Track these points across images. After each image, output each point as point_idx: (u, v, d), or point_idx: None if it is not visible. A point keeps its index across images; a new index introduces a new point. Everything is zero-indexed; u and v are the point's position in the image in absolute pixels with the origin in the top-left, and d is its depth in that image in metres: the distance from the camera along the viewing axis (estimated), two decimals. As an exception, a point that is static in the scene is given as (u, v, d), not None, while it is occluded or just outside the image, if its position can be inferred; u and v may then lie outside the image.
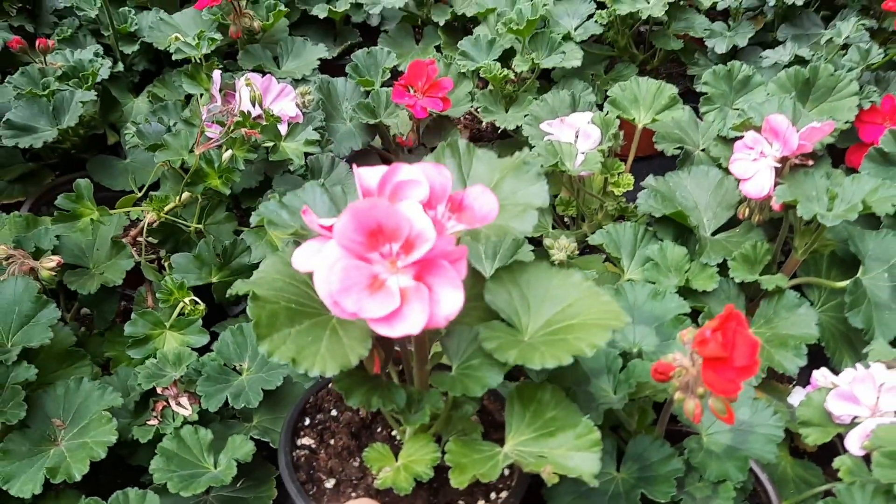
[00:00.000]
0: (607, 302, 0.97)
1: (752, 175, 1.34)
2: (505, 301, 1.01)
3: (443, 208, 0.86)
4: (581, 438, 0.96)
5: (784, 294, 1.39)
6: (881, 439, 1.08)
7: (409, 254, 0.78)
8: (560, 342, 0.93)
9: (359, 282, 0.78)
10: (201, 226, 1.43)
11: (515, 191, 1.01)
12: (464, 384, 0.93)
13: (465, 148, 1.07)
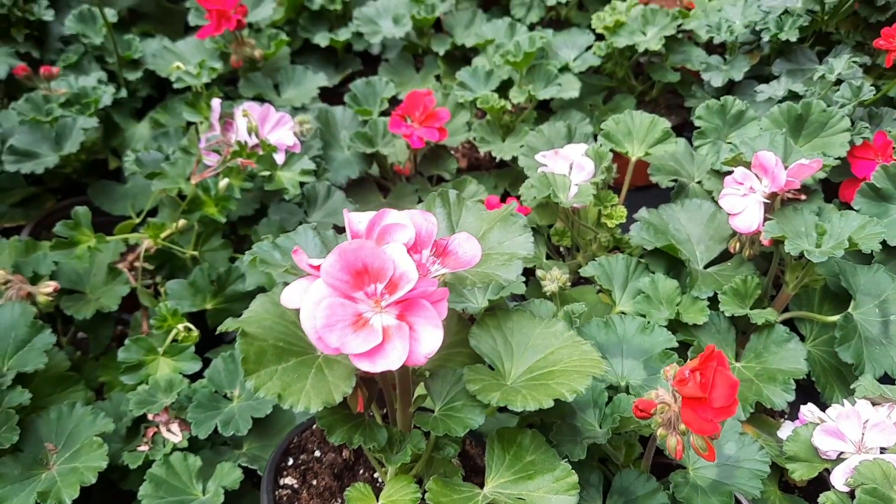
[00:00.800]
0: (588, 350, 1.05)
1: (742, 210, 1.37)
2: (489, 346, 1.07)
3: (428, 252, 0.92)
4: (559, 482, 1.00)
5: (774, 328, 1.40)
6: (864, 476, 1.10)
7: (393, 293, 0.83)
8: (541, 386, 0.99)
9: (343, 319, 0.83)
10: (197, 252, 1.46)
11: (502, 241, 1.11)
12: (446, 424, 0.98)
13: (454, 198, 1.15)
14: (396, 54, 2.17)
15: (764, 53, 1.96)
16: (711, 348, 0.97)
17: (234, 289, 1.45)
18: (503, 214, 1.13)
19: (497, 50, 1.92)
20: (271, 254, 1.09)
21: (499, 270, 1.04)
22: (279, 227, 1.49)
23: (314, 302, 0.82)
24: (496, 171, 1.97)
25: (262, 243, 1.09)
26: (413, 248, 0.89)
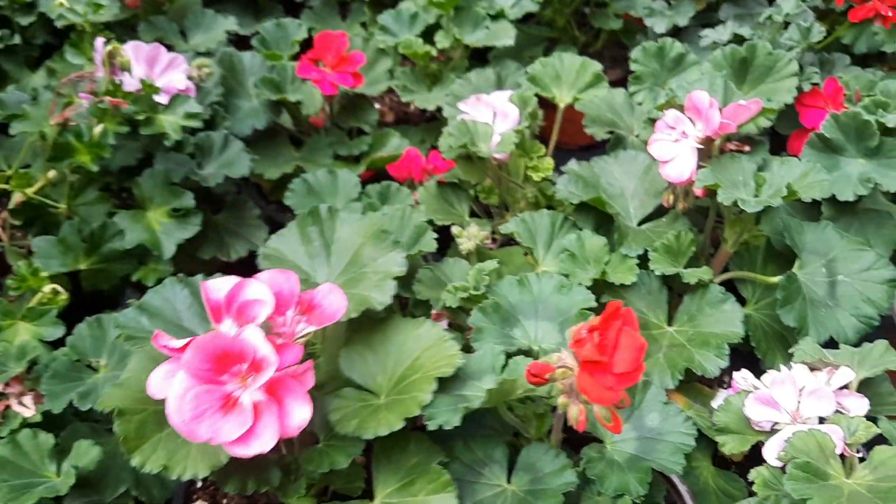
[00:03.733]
0: (450, 352, 1.05)
1: (673, 157, 1.24)
2: (359, 367, 1.10)
3: (292, 312, 0.93)
4: (434, 483, 1.00)
5: (708, 289, 1.28)
6: (797, 449, 0.98)
7: (258, 374, 0.85)
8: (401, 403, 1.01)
9: (212, 405, 0.84)
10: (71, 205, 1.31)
11: (375, 258, 1.15)
12: (330, 458, 0.99)
13: (326, 213, 1.18)
14: (320, 0, 2.01)
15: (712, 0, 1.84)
16: (615, 304, 0.84)
17: (112, 247, 1.30)
18: (375, 230, 1.16)
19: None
20: (138, 321, 1.04)
21: (373, 293, 1.09)
22: (164, 178, 1.34)
23: (179, 396, 0.83)
24: (425, 124, 1.83)
25: (126, 312, 1.05)
26: (276, 311, 0.90)
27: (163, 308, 1.07)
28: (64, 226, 1.27)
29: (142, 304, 1.06)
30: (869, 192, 1.39)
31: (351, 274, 1.16)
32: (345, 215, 1.20)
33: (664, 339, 1.28)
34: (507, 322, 1.15)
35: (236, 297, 0.89)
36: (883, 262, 1.35)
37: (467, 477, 1.06)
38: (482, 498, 1.05)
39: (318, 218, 1.19)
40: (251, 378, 0.85)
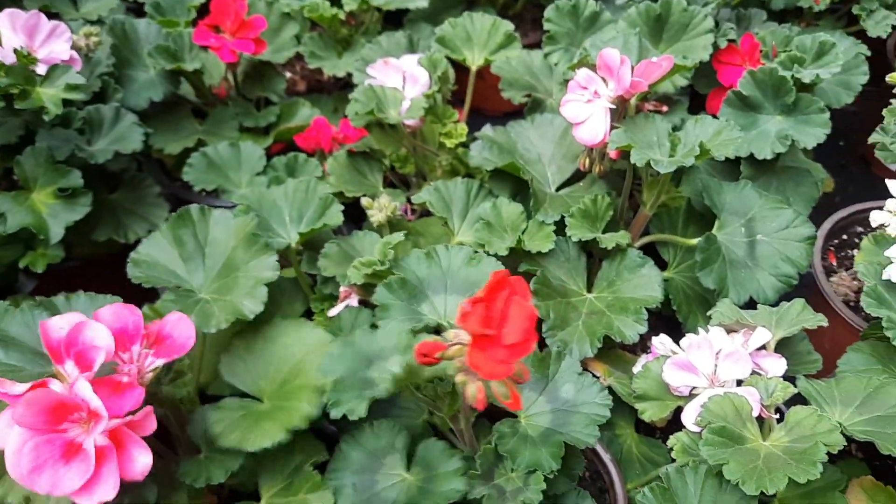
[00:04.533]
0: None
1: (586, 118, 1.19)
2: (241, 372, 1.10)
3: (139, 347, 0.90)
4: (311, 482, 1.02)
5: (626, 253, 1.25)
6: (713, 413, 0.96)
7: (96, 424, 0.82)
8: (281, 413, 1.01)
9: (52, 454, 0.81)
10: (-59, 190, 1.20)
11: (247, 261, 1.13)
12: (208, 472, 0.98)
13: (198, 214, 1.15)
14: (223, -36, 1.90)
15: (631, -44, 1.79)
16: (500, 274, 0.79)
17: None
18: (246, 233, 1.13)
19: (330, -48, 1.68)
20: None
21: (245, 300, 1.09)
22: (48, 156, 1.24)
23: (16, 450, 0.80)
24: (339, 92, 1.75)
25: None
26: (121, 347, 0.88)
27: (22, 335, 0.99)
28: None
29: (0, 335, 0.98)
30: (787, 149, 1.38)
31: (225, 278, 1.13)
32: (217, 215, 1.16)
33: (583, 306, 1.24)
34: (414, 298, 1.09)
35: (76, 341, 0.86)
36: (801, 219, 1.34)
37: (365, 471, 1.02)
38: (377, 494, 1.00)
39: (191, 219, 1.16)
40: (91, 424, 0.82)
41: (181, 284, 1.13)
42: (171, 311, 0.98)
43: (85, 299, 1.05)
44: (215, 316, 1.08)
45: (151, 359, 0.92)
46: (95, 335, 0.86)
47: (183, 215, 1.16)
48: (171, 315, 0.94)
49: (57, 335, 0.87)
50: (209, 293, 1.12)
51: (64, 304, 1.04)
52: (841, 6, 1.77)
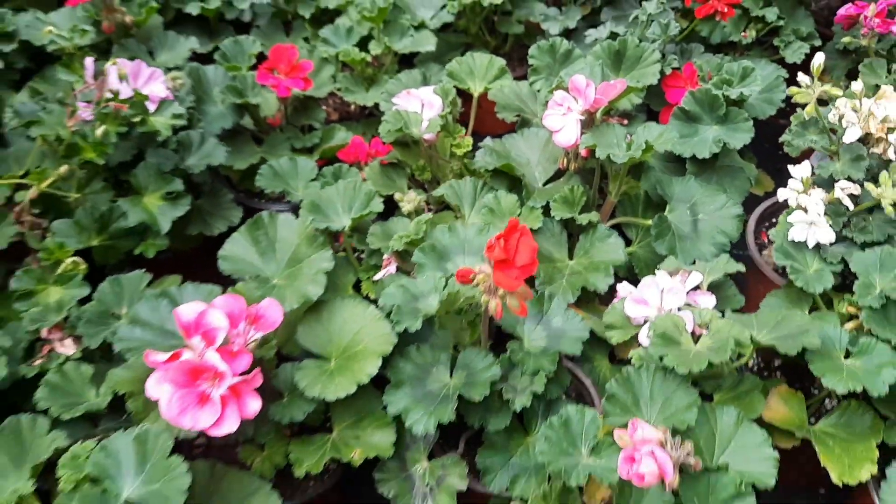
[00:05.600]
0: (385, 332, 1.39)
1: (562, 127, 1.60)
2: (313, 337, 1.43)
3: (244, 324, 1.24)
4: (379, 420, 1.38)
5: (597, 228, 1.65)
6: (658, 326, 1.34)
7: (222, 381, 1.16)
8: (349, 370, 1.36)
9: (192, 402, 1.15)
10: (80, 195, 1.59)
11: (309, 255, 1.49)
12: (290, 412, 1.35)
13: (269, 219, 1.52)
14: (266, 20, 2.32)
15: (595, 5, 2.22)
16: (514, 221, 1.19)
17: (118, 226, 1.59)
18: (308, 232, 1.50)
19: (356, 9, 2.11)
20: (132, 333, 1.33)
21: (309, 287, 1.43)
22: (157, 169, 1.64)
23: (167, 401, 1.14)
24: (365, 119, 2.16)
25: (120, 329, 1.34)
26: (231, 325, 1.21)
27: (149, 317, 1.36)
28: (78, 210, 1.55)
29: (133, 317, 1.35)
30: (720, 149, 1.78)
31: (292, 268, 1.49)
32: (282, 218, 1.52)
33: (566, 269, 1.64)
34: (441, 259, 1.48)
35: (202, 323, 1.20)
36: (732, 202, 1.74)
37: (419, 378, 1.40)
38: (430, 391, 1.38)
39: (263, 223, 1.51)
40: (217, 381, 1.16)
41: (259, 274, 1.49)
42: (253, 293, 1.36)
43: (191, 288, 1.40)
44: (287, 299, 1.41)
45: (253, 333, 1.26)
46: (216, 318, 1.21)
47: (257, 220, 1.52)
48: (265, 301, 1.29)
49: (187, 319, 1.20)
50: (280, 280, 1.49)
51: (176, 293, 1.39)
52: (767, 38, 2.20)
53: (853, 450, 1.45)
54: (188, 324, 1.21)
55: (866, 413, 1.48)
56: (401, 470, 1.43)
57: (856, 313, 1.53)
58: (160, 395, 1.16)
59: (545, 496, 1.24)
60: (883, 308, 1.47)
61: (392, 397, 1.36)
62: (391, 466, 1.43)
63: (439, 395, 1.36)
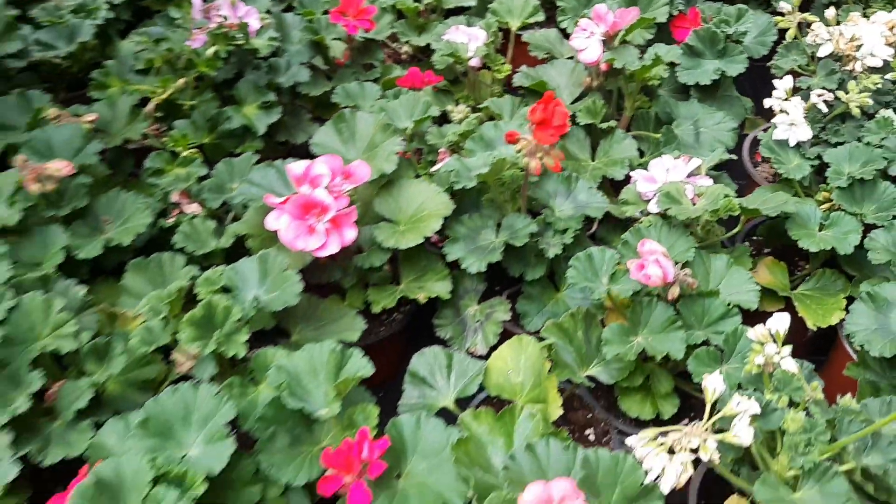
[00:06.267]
0: (445, 200, 1.72)
1: (586, 47, 1.94)
2: (387, 207, 1.78)
3: (339, 178, 1.60)
4: (438, 273, 1.74)
5: (615, 132, 1.98)
6: (663, 188, 1.67)
7: (326, 214, 1.52)
8: (416, 229, 1.68)
9: (303, 231, 1.51)
10: (194, 102, 1.95)
11: (383, 141, 1.81)
12: (370, 259, 1.70)
13: (349, 115, 1.85)
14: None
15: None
16: (550, 93, 1.52)
17: (224, 128, 1.94)
18: (382, 124, 1.83)
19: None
20: (249, 190, 1.68)
21: (383, 164, 1.77)
22: (254, 84, 2.00)
23: (286, 227, 1.51)
24: (414, 63, 2.50)
25: (242, 186, 1.70)
26: (332, 179, 1.56)
27: (262, 181, 1.70)
28: (193, 113, 1.91)
29: (248, 180, 1.70)
30: (720, 77, 2.11)
31: (370, 152, 1.83)
32: (361, 115, 1.85)
33: (589, 167, 1.97)
34: (488, 147, 1.82)
35: (308, 173, 1.55)
36: (728, 118, 2.07)
37: (471, 236, 1.73)
38: (480, 245, 1.71)
39: (345, 118, 1.84)
40: (322, 215, 1.50)
41: (343, 156, 1.84)
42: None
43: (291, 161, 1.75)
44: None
45: (346, 184, 1.61)
46: (320, 168, 1.56)
47: (340, 115, 1.85)
48: (356, 161, 1.64)
49: (296, 172, 1.56)
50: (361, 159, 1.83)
51: (279, 164, 1.72)
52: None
53: (826, 303, 1.76)
54: (298, 176, 1.55)
55: (838, 279, 1.80)
56: (455, 316, 1.77)
57: (829, 198, 1.85)
58: (279, 226, 1.50)
59: (573, 316, 1.57)
60: (850, 188, 1.79)
61: (450, 249, 1.70)
62: (447, 314, 1.77)
63: (488, 248, 1.70)
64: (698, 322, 1.53)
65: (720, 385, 1.26)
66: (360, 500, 1.24)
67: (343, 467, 1.26)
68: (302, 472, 1.33)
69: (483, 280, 1.76)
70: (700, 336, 1.51)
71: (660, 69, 2.11)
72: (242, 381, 1.42)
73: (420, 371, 1.52)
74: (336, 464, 1.26)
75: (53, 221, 1.63)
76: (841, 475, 1.21)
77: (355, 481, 1.26)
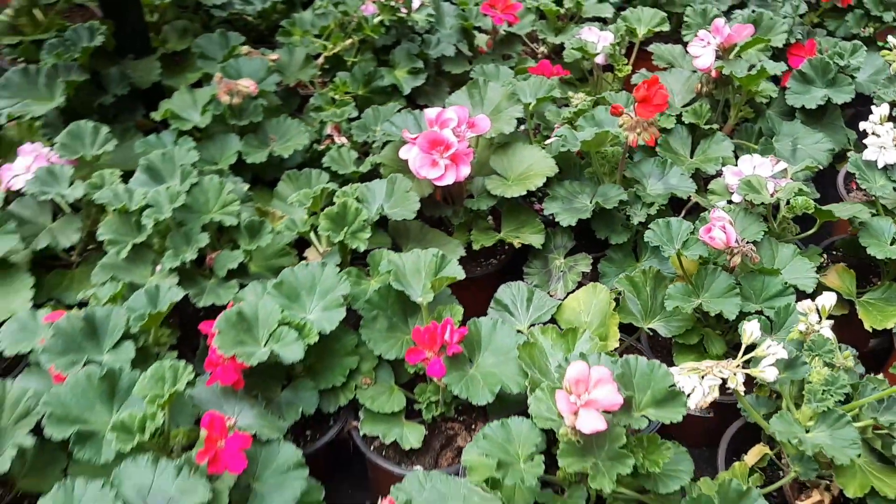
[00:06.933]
0: (550, 163, 1.95)
1: (701, 55, 2.14)
2: (500, 164, 2.04)
3: (464, 126, 1.85)
4: (534, 228, 1.97)
5: (715, 134, 2.16)
6: (745, 179, 1.85)
7: (448, 150, 1.74)
8: (522, 183, 1.95)
9: (427, 162, 1.78)
10: (356, 59, 2.29)
11: (507, 107, 2.08)
12: (478, 203, 1.98)
13: (482, 83, 2.14)
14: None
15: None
16: (656, 77, 1.75)
17: (376, 84, 2.27)
18: (508, 93, 2.09)
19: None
20: (391, 128, 2.00)
21: (503, 126, 2.03)
22: (407, 52, 2.32)
23: (414, 157, 1.77)
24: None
25: (385, 125, 2.02)
26: (457, 126, 1.82)
27: (401, 123, 2.01)
28: (354, 69, 2.25)
29: (392, 121, 2.01)
30: (825, 103, 2.26)
31: (494, 115, 2.09)
32: (492, 84, 2.12)
33: (686, 162, 2.16)
34: (598, 126, 2.05)
35: (440, 117, 1.83)
36: (826, 139, 2.21)
37: (568, 198, 1.97)
38: (575, 206, 1.95)
39: (477, 85, 2.11)
40: (445, 151, 1.78)
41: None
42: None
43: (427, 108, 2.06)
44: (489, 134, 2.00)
45: (469, 133, 1.88)
46: (450, 114, 1.84)
47: (474, 82, 2.12)
48: (480, 115, 1.91)
49: (431, 116, 1.84)
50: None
51: (417, 113, 2.04)
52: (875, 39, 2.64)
53: (886, 311, 1.88)
54: (431, 118, 1.85)
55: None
56: (543, 267, 2.00)
57: (907, 217, 1.96)
58: (409, 156, 1.79)
59: (644, 273, 1.77)
60: (926, 210, 1.91)
61: (548, 205, 1.94)
62: (536, 264, 2.01)
63: (581, 209, 1.93)
64: (756, 296, 1.70)
65: (757, 330, 1.44)
66: (437, 372, 1.50)
67: (427, 344, 1.52)
68: (393, 350, 1.61)
69: (572, 239, 1.99)
70: (754, 307, 1.68)
71: (768, 87, 2.27)
72: (358, 273, 1.72)
73: (504, 299, 1.77)
74: (422, 340, 1.52)
75: (232, 131, 1.99)
76: (851, 424, 1.36)
77: (435, 357, 1.52)
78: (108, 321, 1.50)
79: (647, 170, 1.98)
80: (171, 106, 2.00)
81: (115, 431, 1.28)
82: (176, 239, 1.70)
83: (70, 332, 1.48)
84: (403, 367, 1.63)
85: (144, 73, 2.16)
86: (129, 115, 2.15)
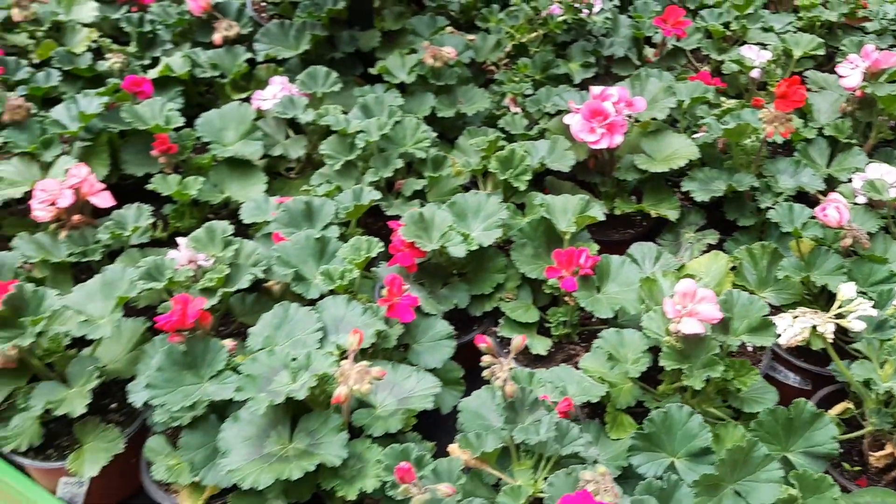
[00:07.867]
0: (693, 149, 2.22)
1: (849, 76, 2.32)
2: (649, 146, 2.31)
3: (623, 103, 2.13)
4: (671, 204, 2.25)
5: (852, 148, 2.33)
6: (869, 179, 2.02)
7: (606, 120, 2.03)
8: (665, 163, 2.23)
9: (587, 128, 2.10)
10: (538, 49, 2.65)
11: (663, 99, 2.34)
12: (625, 174, 2.25)
13: (644, 75, 2.42)
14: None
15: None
16: (797, 78, 1.98)
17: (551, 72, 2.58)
18: (665, 86, 2.35)
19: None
20: (559, 102, 2.34)
21: (657, 113, 2.30)
22: (582, 49, 2.65)
23: (576, 122, 2.08)
24: (709, 78, 3.01)
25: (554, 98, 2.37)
26: (617, 102, 2.09)
27: (569, 98, 2.33)
28: (535, 57, 2.61)
29: (560, 96, 2.34)
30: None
31: (651, 105, 2.34)
32: (652, 79, 2.38)
33: (821, 170, 2.34)
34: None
35: (603, 93, 2.12)
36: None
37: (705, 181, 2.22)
38: (710, 188, 2.19)
39: (640, 78, 2.38)
40: (603, 120, 2.07)
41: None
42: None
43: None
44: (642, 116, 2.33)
45: (627, 110, 2.17)
46: (612, 91, 2.16)
47: (636, 75, 2.38)
48: (637, 97, 2.22)
49: (595, 91, 2.16)
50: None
51: (584, 93, 2.37)
52: None
53: None
54: (596, 94, 2.16)
55: None
56: (674, 240, 2.25)
57: None
58: (572, 122, 2.11)
59: (763, 247, 1.98)
60: None
61: (687, 183, 2.19)
62: (668, 237, 2.26)
63: (715, 189, 2.17)
64: (863, 280, 1.88)
65: (851, 292, 1.64)
66: (570, 286, 1.80)
67: (565, 264, 1.83)
68: (535, 272, 1.93)
69: (703, 218, 2.23)
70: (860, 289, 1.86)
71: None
72: (515, 210, 2.05)
73: (635, 255, 2.04)
74: (561, 260, 1.83)
75: (430, 90, 2.39)
76: (925, 379, 1.54)
77: (569, 276, 1.82)
78: (323, 208, 1.92)
79: (782, 166, 2.19)
80: (387, 64, 2.44)
81: (322, 276, 1.68)
82: (377, 161, 2.11)
83: (294, 211, 1.90)
84: (541, 293, 1.93)
85: (367, 40, 2.62)
86: (351, 71, 2.61)
